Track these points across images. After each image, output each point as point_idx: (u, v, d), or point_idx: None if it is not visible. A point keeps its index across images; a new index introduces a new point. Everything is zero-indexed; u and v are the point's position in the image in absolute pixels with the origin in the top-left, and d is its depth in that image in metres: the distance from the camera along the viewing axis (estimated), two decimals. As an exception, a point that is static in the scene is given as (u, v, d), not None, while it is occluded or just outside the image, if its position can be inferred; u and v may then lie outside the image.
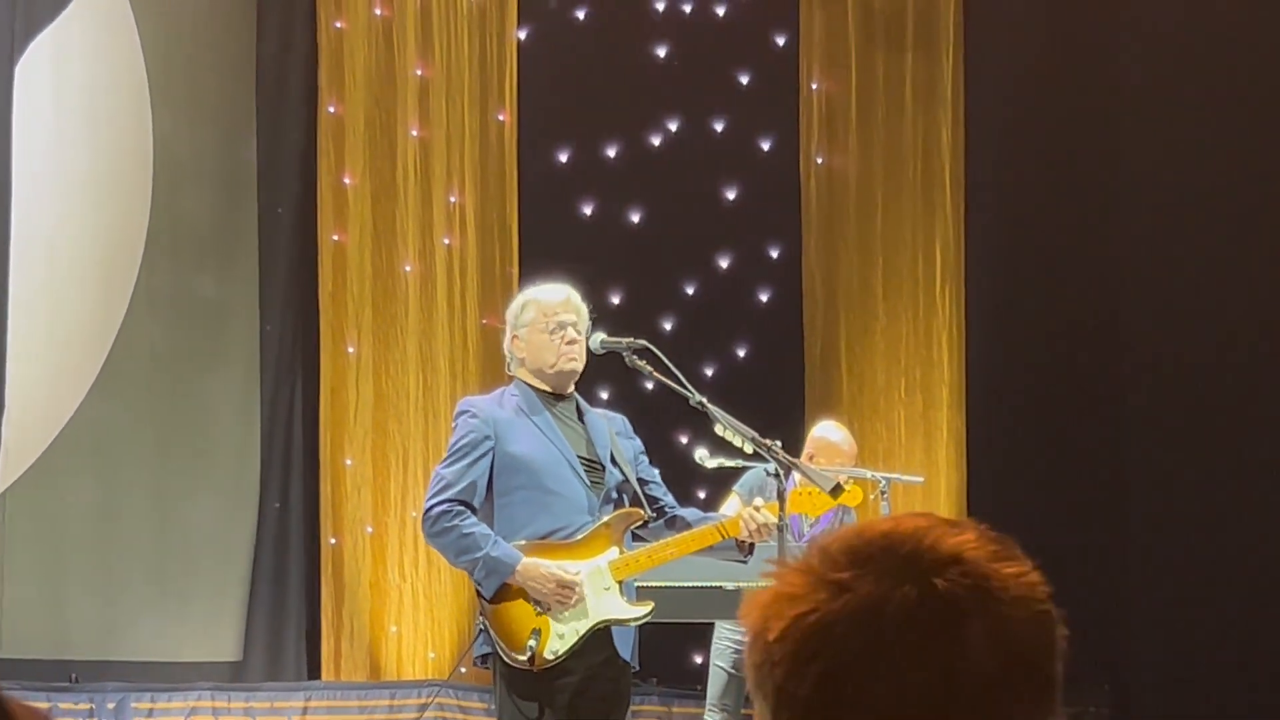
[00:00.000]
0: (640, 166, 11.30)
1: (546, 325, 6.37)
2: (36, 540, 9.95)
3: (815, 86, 11.38)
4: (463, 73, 11.10)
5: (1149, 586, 10.84)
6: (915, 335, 11.23)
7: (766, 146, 11.43)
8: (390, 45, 11.03)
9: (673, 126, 11.37)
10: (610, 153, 11.32)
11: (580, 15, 11.35)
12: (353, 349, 10.85)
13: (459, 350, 10.96)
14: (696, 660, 10.21)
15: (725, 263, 11.37)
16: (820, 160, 11.35)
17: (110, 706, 9.64)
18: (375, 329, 10.89)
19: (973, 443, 11.10)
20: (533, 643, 6.12)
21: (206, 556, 10.39)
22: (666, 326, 11.07)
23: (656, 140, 11.37)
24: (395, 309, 10.93)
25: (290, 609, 10.63)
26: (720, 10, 11.40)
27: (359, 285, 10.88)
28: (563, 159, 11.29)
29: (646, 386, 8.44)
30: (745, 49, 11.42)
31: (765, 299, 11.40)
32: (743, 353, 11.29)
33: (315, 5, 10.95)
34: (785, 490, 6.38)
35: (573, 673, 6.16)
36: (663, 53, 11.38)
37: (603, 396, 9.66)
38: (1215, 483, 10.62)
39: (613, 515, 6.31)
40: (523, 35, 11.26)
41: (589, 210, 11.30)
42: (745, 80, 11.42)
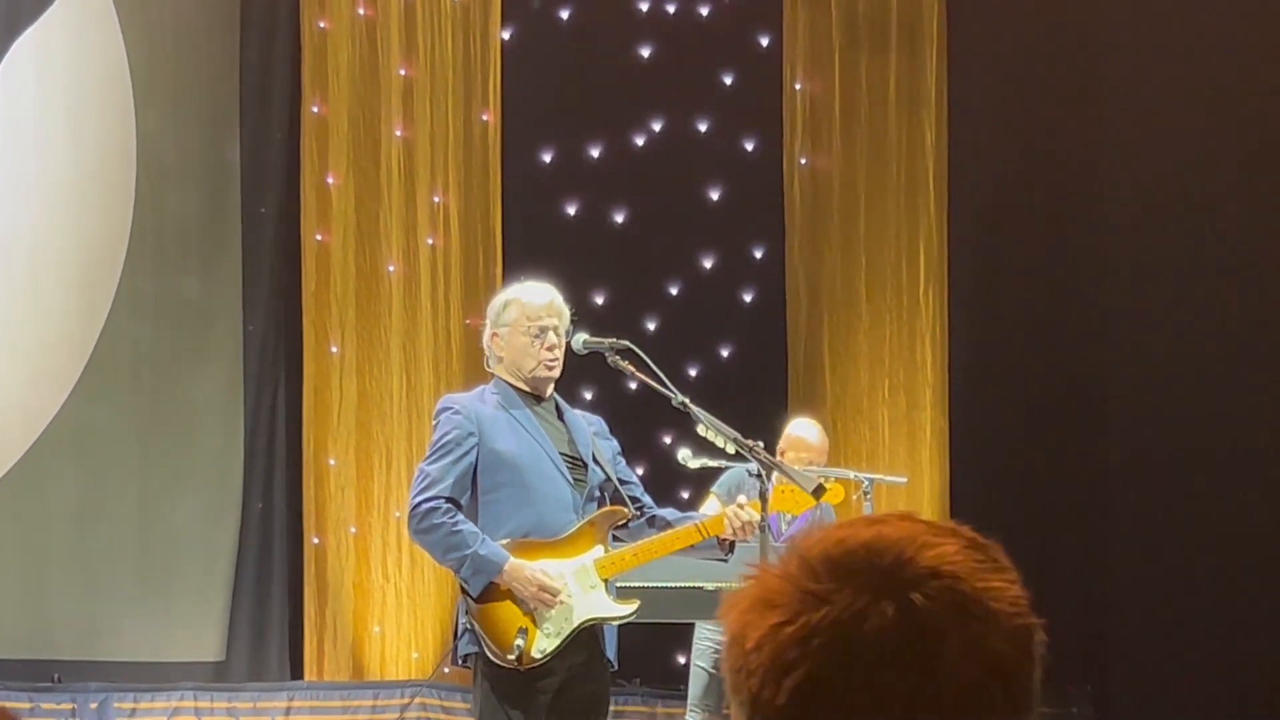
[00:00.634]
0: (624, 167, 11.29)
1: (528, 329, 6.32)
2: (19, 540, 9.94)
3: (799, 87, 11.38)
4: (446, 73, 11.10)
5: (1131, 586, 10.85)
6: (899, 336, 11.23)
7: (750, 147, 11.42)
8: (374, 45, 11.02)
9: (656, 127, 11.36)
10: (594, 153, 11.31)
11: (564, 15, 11.34)
12: (336, 349, 10.83)
13: (442, 350, 10.96)
14: (680, 661, 10.21)
15: (709, 263, 11.36)
16: (804, 161, 11.35)
17: (93, 707, 9.63)
18: (359, 329, 10.88)
19: (956, 444, 11.10)
20: (520, 642, 6.09)
21: (189, 556, 10.38)
22: (650, 327, 11.06)
23: (640, 140, 11.36)
24: (379, 309, 10.92)
25: (273, 609, 10.62)
26: (704, 10, 11.39)
27: (342, 285, 10.87)
28: (546, 159, 11.28)
29: (630, 387, 8.44)
30: (729, 49, 11.41)
31: (749, 299, 11.40)
32: (726, 353, 11.28)
33: (299, 5, 10.93)
34: (767, 490, 6.36)
35: (555, 673, 6.14)
36: (646, 53, 11.38)
37: (586, 397, 9.66)
38: (1197, 484, 10.63)
39: (597, 514, 6.28)
40: (506, 35, 11.25)
41: (573, 210, 11.29)
42: (729, 81, 11.41)
